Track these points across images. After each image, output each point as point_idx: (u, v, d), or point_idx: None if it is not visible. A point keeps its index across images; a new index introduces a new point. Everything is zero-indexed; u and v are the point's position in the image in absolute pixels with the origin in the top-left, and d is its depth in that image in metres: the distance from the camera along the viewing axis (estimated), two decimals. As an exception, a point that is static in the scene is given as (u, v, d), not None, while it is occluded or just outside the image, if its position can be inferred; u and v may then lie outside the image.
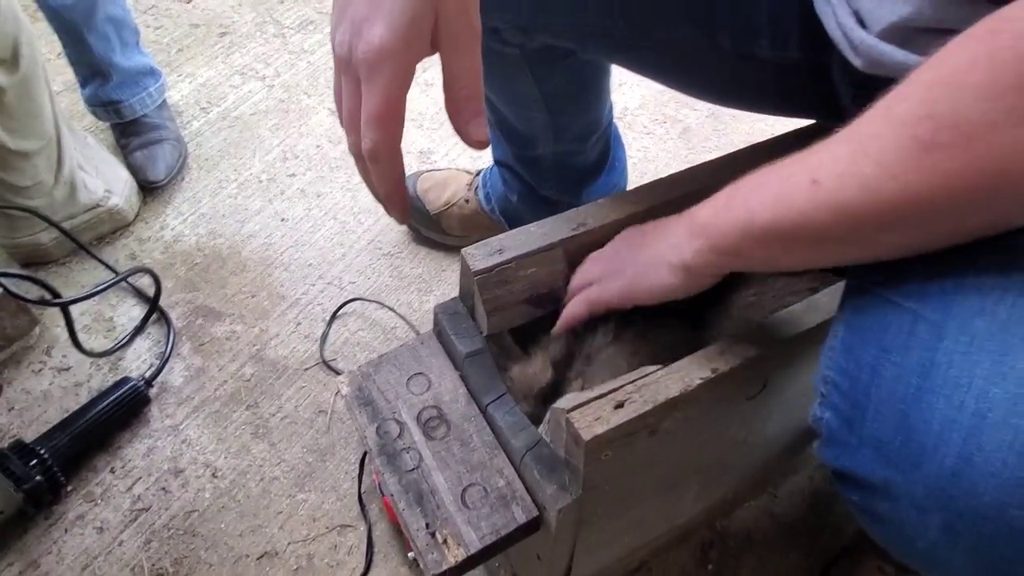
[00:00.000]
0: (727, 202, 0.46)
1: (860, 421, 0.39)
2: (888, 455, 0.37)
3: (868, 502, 0.40)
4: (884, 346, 0.39)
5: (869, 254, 0.41)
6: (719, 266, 0.48)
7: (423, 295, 1.05)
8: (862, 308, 0.42)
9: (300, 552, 0.81)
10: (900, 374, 0.37)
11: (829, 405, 0.42)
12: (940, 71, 0.34)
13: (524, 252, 0.57)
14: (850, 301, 0.43)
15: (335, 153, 1.24)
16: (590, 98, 0.82)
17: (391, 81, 0.41)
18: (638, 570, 0.80)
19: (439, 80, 0.44)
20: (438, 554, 0.51)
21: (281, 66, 1.39)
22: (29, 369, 0.95)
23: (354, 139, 0.45)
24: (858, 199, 0.37)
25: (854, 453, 0.40)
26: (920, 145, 0.34)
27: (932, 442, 0.35)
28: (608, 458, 0.50)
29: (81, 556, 0.80)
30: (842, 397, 0.41)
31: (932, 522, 0.36)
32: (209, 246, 1.10)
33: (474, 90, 0.44)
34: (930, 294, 0.38)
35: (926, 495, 0.36)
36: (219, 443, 0.89)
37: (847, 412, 0.40)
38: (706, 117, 1.33)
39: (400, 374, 0.60)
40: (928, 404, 0.36)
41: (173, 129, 1.21)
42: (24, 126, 0.94)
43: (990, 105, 0.32)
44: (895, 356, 0.38)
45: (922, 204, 0.35)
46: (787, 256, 0.44)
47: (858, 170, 0.37)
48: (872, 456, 0.38)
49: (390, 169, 0.45)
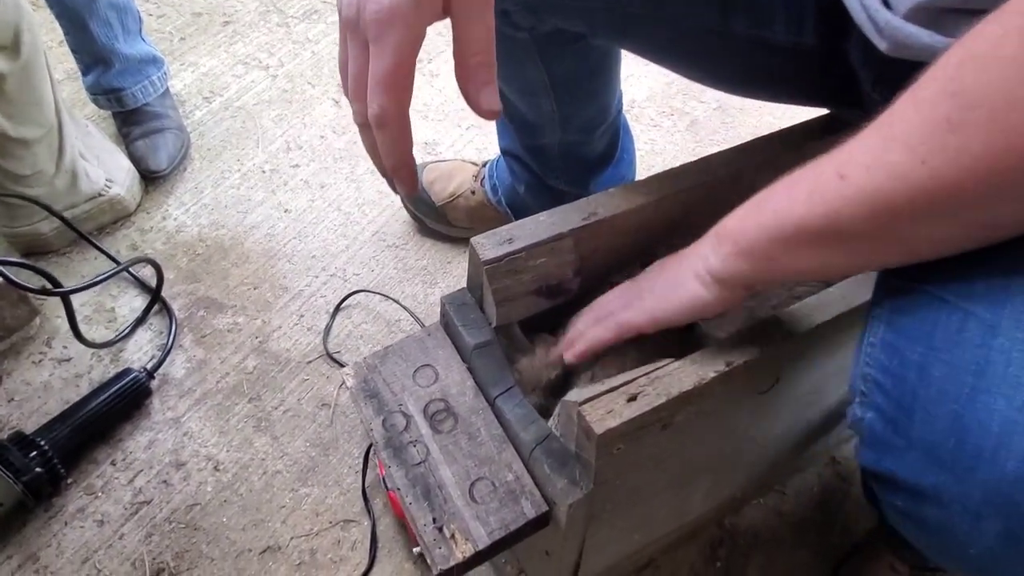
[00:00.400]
0: (756, 206, 0.44)
1: (907, 422, 0.37)
2: (939, 458, 0.35)
3: (914, 507, 0.38)
4: (932, 344, 0.37)
5: (907, 253, 0.39)
6: (751, 275, 0.45)
7: (428, 287, 1.04)
8: (904, 305, 0.40)
9: (303, 547, 0.80)
10: (951, 373, 0.35)
11: (871, 405, 0.40)
12: (970, 47, 0.33)
13: (534, 242, 0.56)
14: (888, 297, 0.41)
15: (339, 144, 1.22)
16: (599, 86, 0.80)
17: (401, 42, 0.39)
18: (646, 567, 0.79)
19: (444, 71, 0.43)
20: (446, 549, 0.49)
21: (285, 56, 1.38)
22: (29, 360, 0.94)
23: (360, 107, 0.43)
24: (888, 188, 0.35)
25: (900, 456, 0.38)
26: (948, 125, 0.32)
27: (991, 445, 0.33)
28: (620, 452, 0.49)
29: (81, 549, 0.79)
30: (885, 397, 0.39)
31: (989, 529, 0.34)
32: (211, 237, 1.09)
33: (486, 57, 0.42)
34: (977, 291, 0.36)
35: (983, 500, 0.34)
36: (221, 436, 0.88)
37: (891, 413, 0.38)
38: (714, 110, 1.32)
39: (406, 366, 0.59)
40: (985, 405, 0.34)
41: (175, 118, 1.19)
42: (25, 114, 0.93)
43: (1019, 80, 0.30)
44: (944, 354, 0.36)
45: (951, 189, 0.33)
46: (822, 258, 0.41)
47: (886, 158, 0.35)
48: (921, 459, 0.36)
49: (398, 137, 0.43)
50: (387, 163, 0.45)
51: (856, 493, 0.86)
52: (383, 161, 0.46)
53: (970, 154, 0.32)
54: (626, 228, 0.61)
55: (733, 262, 0.45)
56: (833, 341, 0.57)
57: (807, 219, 0.39)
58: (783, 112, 1.29)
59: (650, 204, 0.61)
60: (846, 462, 0.89)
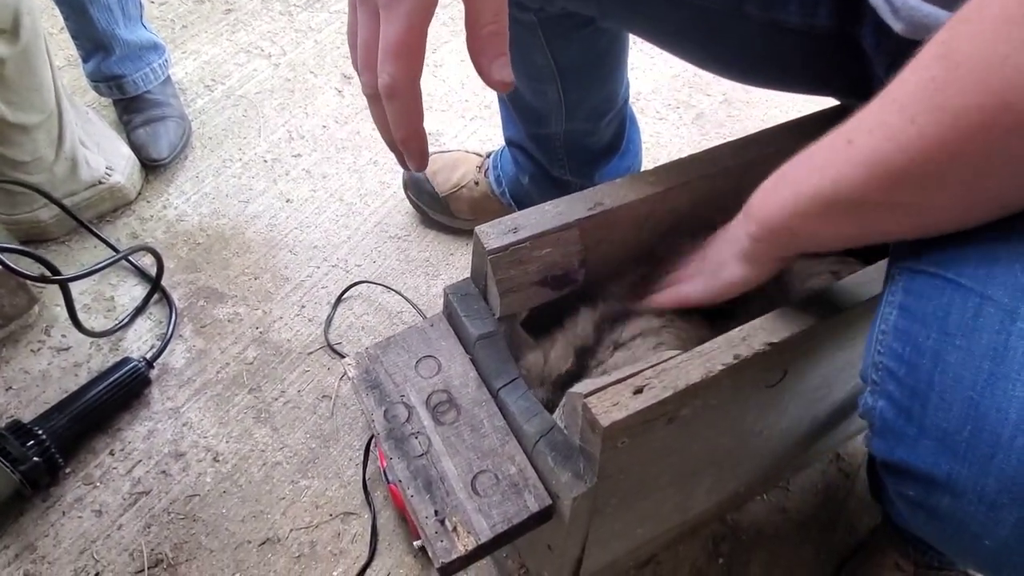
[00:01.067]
0: (774, 184, 0.45)
1: (920, 410, 0.36)
2: (954, 446, 0.35)
3: (926, 497, 0.37)
4: (946, 330, 0.36)
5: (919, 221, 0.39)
6: (779, 249, 0.48)
7: (430, 279, 1.03)
8: (916, 290, 0.39)
9: (303, 539, 0.79)
10: (967, 359, 0.34)
11: (883, 393, 0.39)
12: (961, 11, 0.33)
13: (540, 231, 0.55)
14: (900, 283, 0.41)
15: (342, 134, 1.21)
16: (606, 73, 0.79)
17: (413, 8, 0.38)
18: (648, 563, 0.78)
19: (448, 61, 0.42)
20: (447, 542, 0.49)
21: (287, 44, 1.37)
22: (28, 348, 0.93)
23: (369, 77, 0.42)
24: (886, 150, 0.36)
25: (912, 444, 0.37)
26: (934, 85, 0.33)
27: (1009, 432, 0.32)
28: (625, 446, 0.48)
29: (79, 540, 0.79)
30: (898, 385, 0.38)
31: (1005, 519, 0.33)
32: (212, 226, 1.08)
33: (499, 27, 0.41)
34: (995, 275, 0.35)
35: (1000, 490, 0.33)
36: (221, 427, 0.87)
37: (904, 401, 0.37)
38: (720, 103, 1.31)
39: (408, 357, 0.58)
40: (1003, 391, 0.33)
41: (177, 106, 1.18)
42: (24, 99, 0.92)
43: (1003, 37, 0.31)
44: (959, 340, 0.35)
45: (938, 147, 0.34)
46: (839, 228, 0.42)
47: (885, 119, 0.36)
48: (934, 448, 0.36)
49: (409, 108, 0.42)
50: (397, 135, 0.44)
51: (860, 491, 0.86)
52: (393, 133, 0.44)
53: (952, 111, 0.33)
54: (632, 219, 0.60)
55: (762, 241, 0.47)
56: (843, 335, 0.56)
57: (820, 189, 0.40)
58: (790, 106, 1.28)
59: (657, 195, 0.60)
60: (851, 459, 0.88)
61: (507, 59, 0.42)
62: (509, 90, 0.43)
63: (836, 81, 0.62)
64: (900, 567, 0.72)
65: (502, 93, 0.68)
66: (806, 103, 0.68)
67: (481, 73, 0.43)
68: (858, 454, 0.88)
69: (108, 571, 0.76)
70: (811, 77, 0.62)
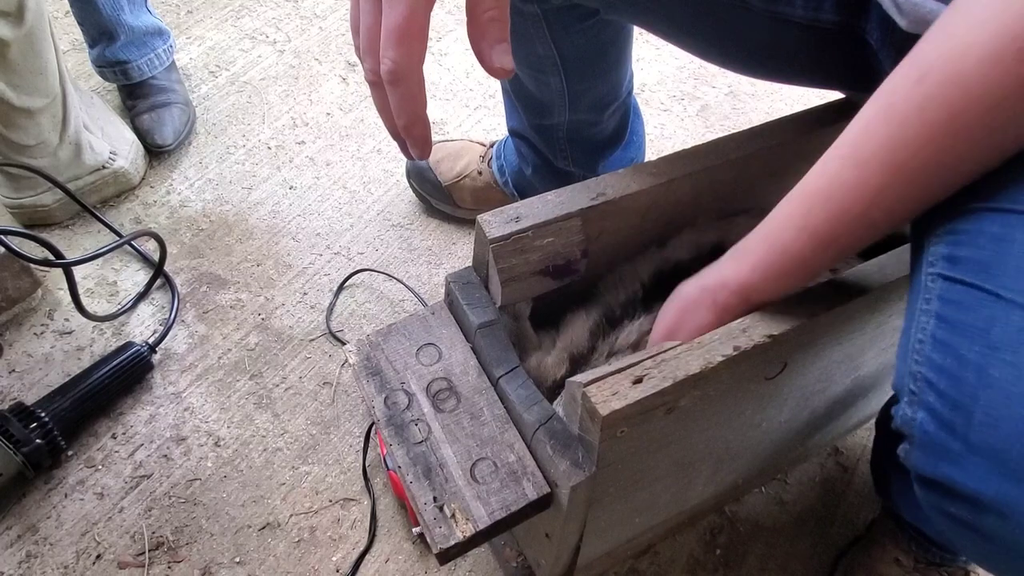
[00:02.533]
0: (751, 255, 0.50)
1: (965, 426, 0.35)
2: (1004, 466, 0.33)
3: (971, 516, 0.36)
4: (990, 343, 0.35)
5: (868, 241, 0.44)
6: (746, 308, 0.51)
7: (432, 268, 1.03)
8: (955, 300, 0.38)
9: (302, 524, 0.80)
10: (1018, 376, 0.33)
11: (923, 405, 0.38)
12: None
13: (542, 221, 0.55)
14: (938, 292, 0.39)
15: (345, 121, 1.21)
16: (609, 64, 0.79)
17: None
18: (646, 552, 0.79)
19: (453, 50, 0.42)
20: (446, 528, 0.49)
21: (292, 31, 1.37)
22: (31, 332, 0.94)
23: (371, 63, 0.42)
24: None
25: (958, 462, 0.35)
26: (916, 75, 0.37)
27: None
28: (623, 435, 0.48)
29: (81, 522, 0.79)
30: (939, 397, 0.37)
31: None
32: (215, 212, 1.08)
33: (499, 12, 0.41)
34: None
35: None
36: (222, 412, 0.88)
37: (947, 415, 0.36)
38: (725, 95, 1.30)
39: (409, 344, 0.58)
40: None
41: (181, 92, 1.18)
42: (29, 82, 0.92)
43: None
44: (1007, 355, 0.34)
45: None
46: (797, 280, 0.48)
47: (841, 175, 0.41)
48: (983, 466, 0.34)
49: (411, 94, 0.42)
50: (400, 121, 0.44)
51: (858, 484, 0.86)
52: (396, 120, 0.44)
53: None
54: (635, 209, 0.60)
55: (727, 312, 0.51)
56: (843, 328, 0.57)
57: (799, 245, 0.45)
58: (796, 98, 1.27)
59: (660, 186, 0.60)
60: (849, 453, 0.88)
61: (507, 46, 0.42)
62: (509, 77, 0.43)
63: (841, 74, 0.62)
64: (900, 562, 0.72)
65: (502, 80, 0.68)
66: (811, 96, 0.68)
67: (481, 60, 0.42)
68: (856, 448, 0.88)
69: (109, 553, 0.77)
70: (816, 70, 0.62)
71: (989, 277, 0.36)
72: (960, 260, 0.38)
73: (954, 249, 0.39)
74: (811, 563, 0.80)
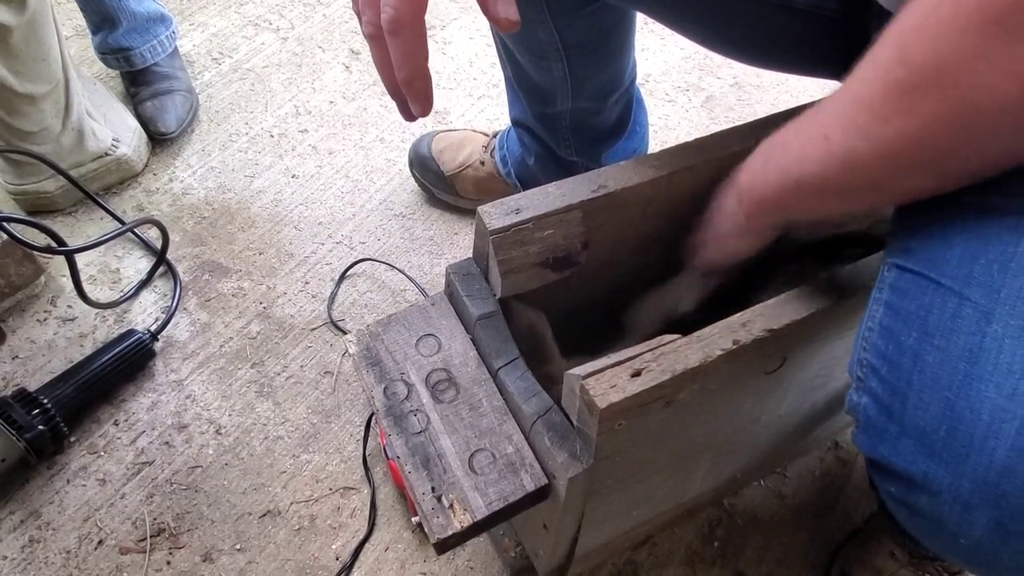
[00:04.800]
0: (762, 165, 0.48)
1: (900, 409, 0.37)
2: (931, 446, 0.35)
3: (906, 495, 0.38)
4: (926, 329, 0.36)
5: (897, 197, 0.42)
6: (771, 219, 0.51)
7: (434, 258, 1.03)
8: (902, 288, 0.39)
9: (303, 512, 0.80)
10: (944, 359, 0.35)
11: (867, 391, 0.40)
12: (913, 12, 0.35)
13: (542, 212, 0.55)
14: (890, 281, 0.41)
15: (348, 110, 1.21)
16: (611, 51, 0.78)
17: None
18: (644, 544, 0.79)
19: (457, 38, 0.42)
20: (444, 518, 0.49)
21: (296, 18, 1.36)
22: (34, 318, 0.94)
23: (371, 15, 0.41)
24: (862, 148, 0.38)
25: (893, 443, 0.37)
26: (901, 88, 0.35)
27: (981, 433, 0.33)
28: (622, 428, 0.48)
29: (83, 507, 0.80)
30: (881, 383, 0.38)
31: (979, 520, 0.34)
32: (218, 200, 1.08)
33: None
34: (976, 277, 0.35)
35: (972, 491, 0.33)
36: (223, 400, 0.88)
37: (886, 399, 0.38)
38: (730, 86, 1.29)
39: (409, 335, 0.58)
40: (977, 392, 0.33)
41: (184, 79, 1.18)
42: (31, 69, 0.91)
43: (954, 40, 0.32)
44: (938, 340, 0.36)
45: (915, 145, 0.36)
46: (825, 206, 0.45)
47: (857, 119, 0.38)
48: (913, 447, 0.36)
49: (412, 44, 0.41)
50: (400, 75, 0.43)
51: (857, 478, 0.86)
52: (396, 73, 0.43)
53: (923, 113, 0.35)
54: (636, 201, 0.60)
55: (757, 216, 0.50)
56: (843, 323, 0.56)
57: (805, 178, 0.43)
58: (801, 90, 1.27)
59: (662, 178, 0.59)
60: (848, 447, 0.88)
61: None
62: (514, 29, 0.43)
63: (846, 65, 0.61)
64: (895, 556, 0.73)
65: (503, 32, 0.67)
66: (817, 88, 0.67)
67: (486, 11, 0.42)
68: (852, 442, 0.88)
69: (111, 538, 0.78)
70: (820, 60, 0.62)
71: (934, 266, 0.38)
72: (912, 250, 0.40)
73: (909, 239, 0.41)
74: (808, 556, 0.80)
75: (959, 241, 0.37)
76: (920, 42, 0.34)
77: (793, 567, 0.79)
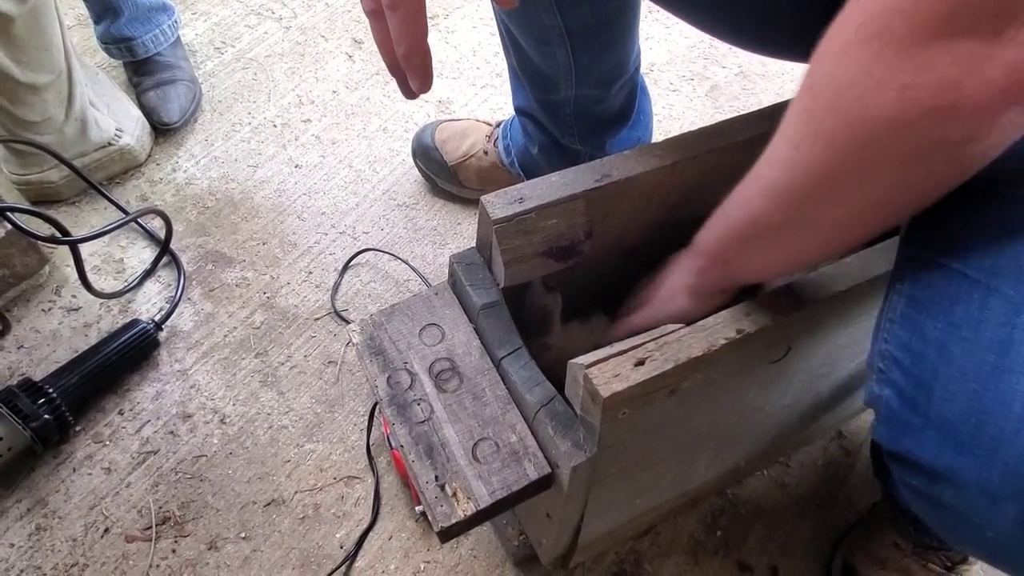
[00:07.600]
0: (714, 220, 0.49)
1: (925, 401, 0.36)
2: (957, 438, 0.35)
3: (930, 488, 0.37)
4: (953, 321, 0.36)
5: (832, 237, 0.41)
6: (718, 281, 0.51)
7: (437, 248, 1.03)
8: (925, 280, 0.39)
9: (307, 501, 0.81)
10: (972, 351, 0.34)
11: (888, 382, 0.39)
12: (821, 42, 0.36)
13: (545, 202, 0.55)
14: (909, 272, 0.40)
15: (351, 100, 1.21)
16: (615, 37, 0.78)
17: None
18: (647, 533, 0.79)
19: (460, 27, 0.42)
20: (447, 507, 0.49)
21: (298, 7, 1.35)
22: (39, 308, 0.95)
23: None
24: (783, 180, 0.39)
25: (917, 435, 0.37)
26: (807, 115, 0.36)
27: (1012, 426, 0.32)
28: (625, 417, 0.48)
29: (89, 496, 0.80)
30: (904, 374, 0.38)
31: (1007, 512, 0.33)
32: (221, 190, 1.08)
33: None
34: (1003, 267, 0.35)
35: (1002, 483, 0.33)
36: (228, 390, 0.88)
37: (909, 391, 0.38)
38: (735, 75, 1.28)
39: (412, 324, 0.58)
40: (1008, 384, 0.33)
41: (187, 69, 1.18)
42: (34, 58, 0.91)
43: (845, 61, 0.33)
44: (965, 331, 0.35)
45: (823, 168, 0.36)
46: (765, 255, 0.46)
47: (779, 151, 0.39)
48: (938, 439, 0.36)
49: (412, 18, 0.41)
50: (400, 49, 0.43)
51: (860, 468, 0.86)
52: (395, 48, 0.43)
53: (824, 136, 0.35)
54: (640, 191, 0.59)
55: (703, 274, 0.51)
56: (847, 312, 0.56)
57: (742, 219, 0.44)
58: (806, 80, 1.26)
59: (665, 168, 0.59)
60: (852, 436, 0.88)
61: None
62: (512, 6, 0.43)
63: None
64: (898, 545, 0.72)
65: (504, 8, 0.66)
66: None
67: None
68: (860, 432, 0.88)
69: (117, 527, 0.78)
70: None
71: (957, 256, 0.38)
72: (933, 240, 0.40)
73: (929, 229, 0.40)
74: (811, 546, 0.80)
75: (983, 231, 0.37)
76: (820, 68, 0.35)
77: (796, 557, 0.79)
